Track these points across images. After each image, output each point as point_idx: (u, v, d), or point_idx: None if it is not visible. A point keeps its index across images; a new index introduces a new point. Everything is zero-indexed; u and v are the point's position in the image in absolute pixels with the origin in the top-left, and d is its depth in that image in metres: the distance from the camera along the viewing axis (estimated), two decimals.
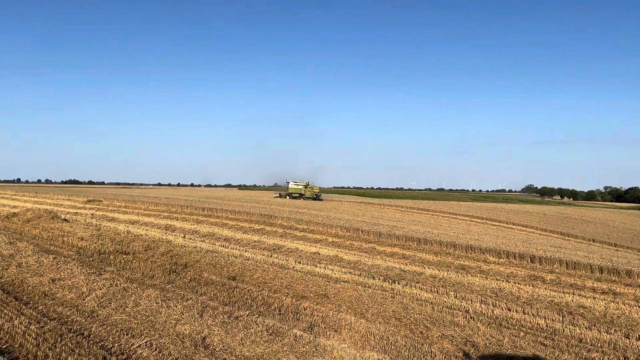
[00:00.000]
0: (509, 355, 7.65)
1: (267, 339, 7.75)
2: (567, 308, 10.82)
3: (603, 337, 8.86)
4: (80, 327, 8.06)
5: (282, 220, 24.20)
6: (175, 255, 15.28)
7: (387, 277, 13.61)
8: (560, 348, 8.16)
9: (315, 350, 7.38)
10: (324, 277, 13.27)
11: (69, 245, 16.35)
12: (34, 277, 11.19)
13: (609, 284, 13.38)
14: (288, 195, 67.06)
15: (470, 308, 10.62)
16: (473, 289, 12.50)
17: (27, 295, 9.85)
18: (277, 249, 17.87)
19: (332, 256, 16.61)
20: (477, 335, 8.56)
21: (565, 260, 15.64)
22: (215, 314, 8.92)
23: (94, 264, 13.25)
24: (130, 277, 11.95)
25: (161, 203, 32.09)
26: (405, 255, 16.95)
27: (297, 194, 66.86)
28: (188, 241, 19.06)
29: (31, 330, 7.68)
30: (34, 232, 18.81)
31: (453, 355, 7.55)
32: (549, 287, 12.92)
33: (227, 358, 6.97)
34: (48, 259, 13.06)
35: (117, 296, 9.87)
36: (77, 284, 10.70)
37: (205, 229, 22.07)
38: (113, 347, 7.23)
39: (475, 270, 14.92)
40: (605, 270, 14.74)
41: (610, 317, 10.15)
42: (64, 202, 37.20)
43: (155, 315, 8.77)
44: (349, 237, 20.57)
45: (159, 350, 7.15)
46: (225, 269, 13.49)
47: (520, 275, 14.36)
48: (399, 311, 9.95)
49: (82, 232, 19.30)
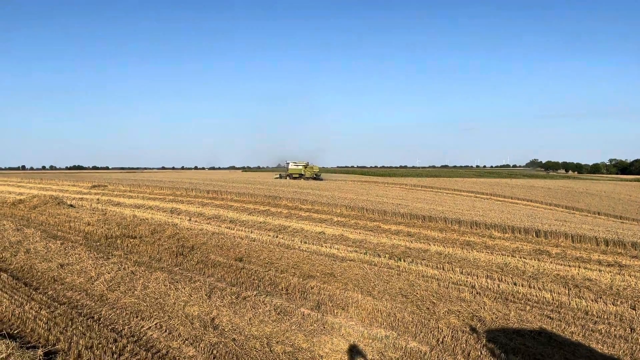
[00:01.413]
0: (516, 328, 7.70)
1: (275, 319, 7.83)
2: (573, 281, 10.85)
3: (609, 309, 8.90)
4: (90, 310, 8.15)
5: (286, 201, 24.25)
6: (182, 238, 15.37)
7: (393, 254, 13.67)
8: (567, 321, 8.20)
9: (323, 328, 7.45)
10: (330, 256, 13.34)
11: (75, 230, 16.46)
12: (43, 263, 11.30)
13: (614, 257, 13.38)
14: (288, 176, 67.59)
15: (476, 283, 10.67)
16: (479, 265, 12.54)
17: (37, 280, 9.95)
18: (283, 229, 17.94)
19: (338, 235, 16.67)
20: (484, 310, 8.61)
21: (570, 234, 15.63)
22: (223, 295, 9.00)
23: (102, 249, 13.35)
24: (138, 260, 12.04)
25: (166, 187, 32.17)
26: (410, 233, 16.98)
27: (297, 174, 67.35)
28: (194, 224, 19.16)
29: (42, 315, 7.77)
30: (41, 219, 18.94)
31: (460, 330, 7.60)
32: (554, 261, 12.94)
33: (236, 338, 7.05)
34: (56, 245, 13.16)
35: (125, 280, 9.96)
36: (85, 268, 10.80)
37: (211, 212, 22.15)
38: (123, 329, 7.32)
39: (481, 245, 14.95)
40: (611, 242, 14.73)
41: (616, 289, 10.17)
42: (69, 187, 37.34)
43: (164, 297, 8.86)
44: (354, 216, 20.60)
45: (169, 332, 7.24)
46: (232, 251, 13.57)
47: (525, 249, 14.38)
48: (405, 288, 10.01)
49: (89, 217, 19.41)
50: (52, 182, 43.14)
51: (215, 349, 6.65)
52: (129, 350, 6.50)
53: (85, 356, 6.30)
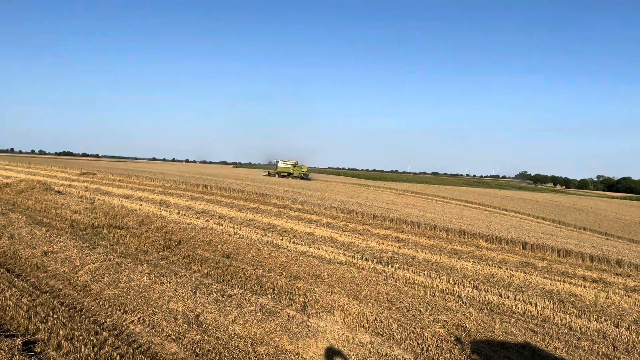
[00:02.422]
0: (500, 341, 7.71)
1: (260, 319, 7.76)
2: (557, 296, 10.91)
3: (593, 325, 8.95)
4: (73, 301, 8.03)
5: (276, 200, 24.18)
6: (170, 231, 15.22)
7: (381, 259, 13.66)
8: (551, 335, 8.24)
9: (308, 331, 7.40)
10: (318, 258, 13.29)
11: (62, 217, 16.24)
12: (27, 249, 11.11)
13: (599, 273, 13.50)
14: (277, 174, 68.96)
15: (462, 293, 10.68)
16: (465, 274, 12.57)
17: (19, 267, 9.78)
18: (272, 228, 17.86)
19: (326, 237, 16.63)
20: (469, 321, 8.62)
21: (557, 248, 15.77)
22: (208, 291, 8.92)
23: (88, 238, 13.18)
24: (124, 251, 11.90)
25: (156, 178, 31.93)
26: (399, 238, 17.00)
27: (285, 172, 69.06)
28: (182, 217, 19.01)
29: (23, 302, 7.64)
30: (27, 204, 18.66)
31: (445, 339, 7.60)
32: (540, 274, 13.02)
33: (220, 336, 6.97)
34: (41, 231, 12.96)
35: (110, 271, 9.82)
36: (70, 257, 10.64)
37: (200, 206, 22.01)
38: (105, 322, 7.22)
39: (468, 255, 15.01)
40: (596, 259, 14.88)
41: (600, 306, 10.24)
42: (57, 173, 36.91)
43: (149, 291, 8.75)
44: (343, 218, 20.59)
45: (152, 327, 7.15)
46: (220, 247, 13.47)
47: (512, 261, 14.46)
48: (392, 294, 9.99)
49: (76, 205, 19.17)
50: (41, 167, 42.64)
51: (198, 346, 6.57)
52: (110, 344, 6.40)
53: (65, 347, 6.20)
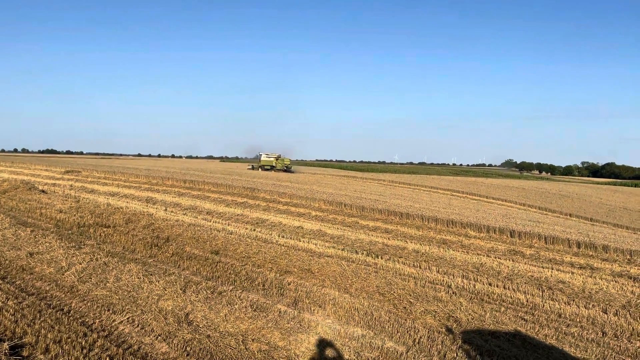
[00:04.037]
0: (491, 330, 7.76)
1: (251, 315, 7.71)
2: (546, 283, 11.02)
3: (582, 312, 9.05)
4: (60, 302, 7.90)
5: (264, 194, 24.06)
6: (157, 228, 15.07)
7: (371, 251, 13.67)
8: (540, 323, 8.31)
9: (300, 326, 7.38)
10: (308, 252, 13.26)
11: (47, 217, 15.99)
12: (11, 251, 10.92)
13: (586, 259, 13.66)
14: (260, 167, 69.44)
15: (452, 283, 10.74)
16: (455, 264, 12.64)
17: (4, 269, 9.60)
18: (260, 222, 17.78)
19: (316, 230, 16.60)
20: (460, 311, 8.67)
21: (544, 235, 15.91)
22: (198, 289, 8.84)
23: (74, 238, 12.99)
24: (111, 251, 11.75)
25: (142, 175, 31.59)
26: (387, 230, 17.03)
27: (268, 166, 69.80)
28: (170, 214, 18.83)
29: (9, 305, 7.50)
30: (11, 204, 18.34)
31: (436, 330, 7.63)
32: (528, 262, 13.14)
33: (211, 334, 6.91)
34: (25, 232, 12.75)
35: (97, 271, 9.69)
36: (56, 258, 10.48)
37: (187, 202, 21.82)
38: (94, 323, 7.12)
39: (457, 244, 15.09)
40: (583, 245, 15.05)
41: (589, 292, 10.37)
42: (41, 172, 36.33)
43: (137, 290, 8.65)
44: (332, 210, 20.57)
45: (141, 327, 7.06)
46: (208, 243, 13.37)
47: (500, 250, 14.57)
48: (382, 286, 10.01)
49: (61, 204, 18.89)
50: (24, 165, 41.93)
51: (189, 345, 6.51)
52: (99, 346, 6.31)
53: (53, 351, 6.10)
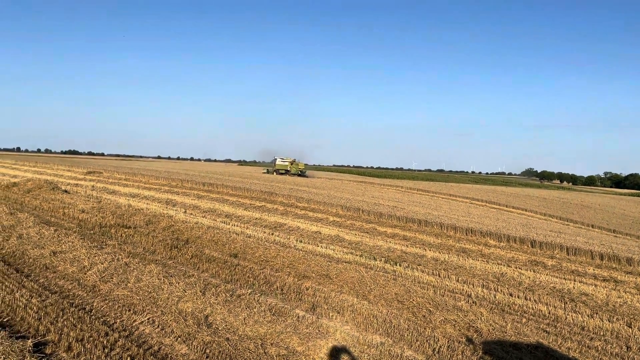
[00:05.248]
0: (513, 341, 7.63)
1: (270, 319, 7.71)
2: (568, 295, 10.80)
3: (605, 325, 8.85)
4: (82, 301, 8.01)
5: (282, 198, 24.13)
6: (177, 230, 15.22)
7: (389, 258, 13.58)
8: (563, 336, 8.15)
9: (318, 332, 7.35)
10: (326, 257, 13.24)
11: (69, 217, 16.27)
12: (35, 249, 11.12)
13: (609, 271, 13.38)
14: (275, 172, 69.94)
15: (472, 292, 10.60)
16: (475, 273, 12.48)
17: (28, 267, 9.79)
18: (279, 227, 17.82)
19: (334, 236, 16.57)
20: (480, 321, 8.54)
21: (565, 246, 15.63)
22: (217, 292, 8.88)
23: (95, 238, 13.19)
24: (132, 251, 11.90)
25: (161, 177, 31.97)
26: (406, 237, 16.91)
27: (283, 170, 70.21)
28: (189, 216, 19.00)
29: (32, 303, 7.63)
30: (35, 203, 18.72)
31: (456, 340, 7.52)
32: (550, 273, 12.91)
33: (230, 337, 6.93)
34: (49, 231, 12.98)
35: (118, 271, 9.81)
36: (78, 257, 10.64)
37: (206, 205, 22.00)
38: (115, 322, 7.19)
39: (477, 253, 14.91)
40: (606, 257, 14.73)
41: (613, 306, 10.13)
42: (64, 172, 37.05)
43: (157, 291, 8.72)
44: (350, 216, 20.52)
45: (162, 328, 7.12)
46: (227, 246, 13.44)
47: (521, 260, 14.35)
48: (401, 294, 9.92)
49: (83, 204, 19.21)
50: (47, 166, 42.81)
51: (208, 348, 6.54)
52: (120, 345, 6.37)
53: (75, 349, 6.18)
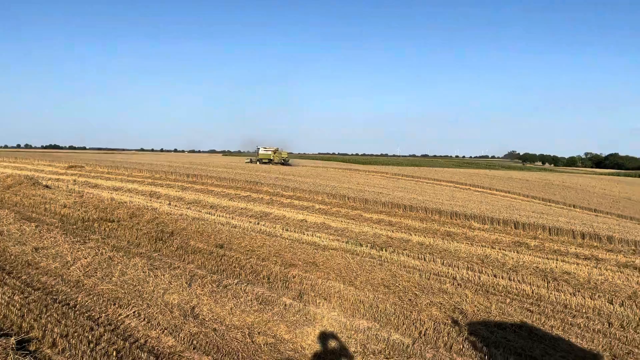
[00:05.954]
0: (497, 322, 7.75)
1: (257, 308, 7.72)
2: (551, 274, 11.00)
3: (587, 303, 9.03)
4: (66, 297, 7.92)
5: (268, 187, 24.07)
6: (161, 222, 15.09)
7: (375, 244, 13.66)
8: (546, 314, 8.30)
9: (306, 319, 7.38)
10: (312, 245, 13.26)
11: (51, 212, 16.01)
12: (16, 246, 10.94)
13: (591, 250, 13.64)
14: (258, 161, 69.72)
15: (457, 275, 10.72)
16: (459, 256, 12.62)
17: (10, 264, 9.63)
18: (264, 216, 17.79)
19: (320, 223, 16.60)
20: (465, 303, 8.65)
21: (548, 226, 15.90)
22: (203, 283, 8.85)
23: (78, 232, 13.01)
24: (116, 245, 11.77)
25: (144, 169, 31.64)
26: (391, 222, 17.02)
27: (266, 159, 69.81)
28: (174, 208, 18.85)
29: (15, 300, 7.52)
30: (15, 199, 18.37)
31: (442, 322, 7.62)
32: (533, 253, 13.12)
33: (217, 328, 6.92)
34: (30, 227, 12.78)
35: (102, 265, 9.71)
36: (61, 252, 10.50)
37: (191, 196, 21.84)
38: (100, 317, 7.13)
39: (461, 236, 15.08)
40: (587, 236, 15.03)
41: (594, 283, 10.34)
42: (45, 167, 36.42)
43: (143, 284, 8.66)
44: (336, 204, 20.57)
45: (148, 320, 7.08)
46: (213, 237, 13.38)
47: (505, 241, 14.55)
48: (387, 279, 10.00)
49: (65, 199, 18.91)
50: (27, 161, 42.04)
51: (195, 339, 6.52)
52: (106, 340, 6.33)
53: (60, 345, 6.11)
